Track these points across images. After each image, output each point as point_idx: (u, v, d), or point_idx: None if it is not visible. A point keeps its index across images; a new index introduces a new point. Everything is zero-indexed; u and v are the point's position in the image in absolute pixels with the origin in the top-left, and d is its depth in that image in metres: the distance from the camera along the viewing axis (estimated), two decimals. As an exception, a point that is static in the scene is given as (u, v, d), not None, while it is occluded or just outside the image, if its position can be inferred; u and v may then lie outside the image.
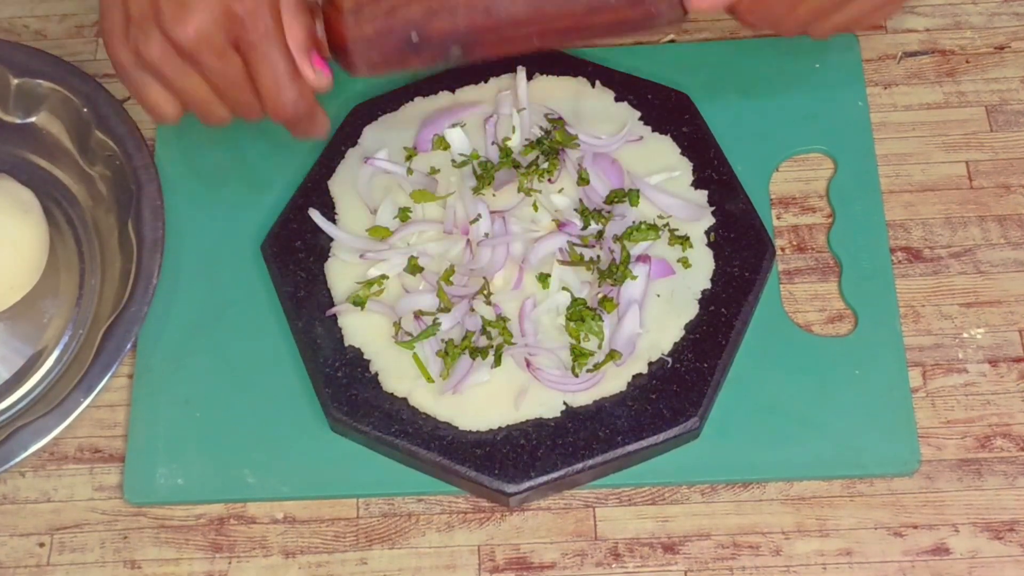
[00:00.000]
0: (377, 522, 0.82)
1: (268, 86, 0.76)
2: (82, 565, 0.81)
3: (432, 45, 0.78)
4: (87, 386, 0.83)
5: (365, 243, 0.86)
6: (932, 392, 0.84)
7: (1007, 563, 0.79)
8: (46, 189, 0.92)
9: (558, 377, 0.81)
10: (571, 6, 0.77)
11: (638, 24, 0.79)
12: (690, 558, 0.80)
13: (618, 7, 0.77)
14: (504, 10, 0.77)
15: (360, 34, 0.77)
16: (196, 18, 0.74)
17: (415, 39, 0.77)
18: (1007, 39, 0.95)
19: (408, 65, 0.79)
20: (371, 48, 0.78)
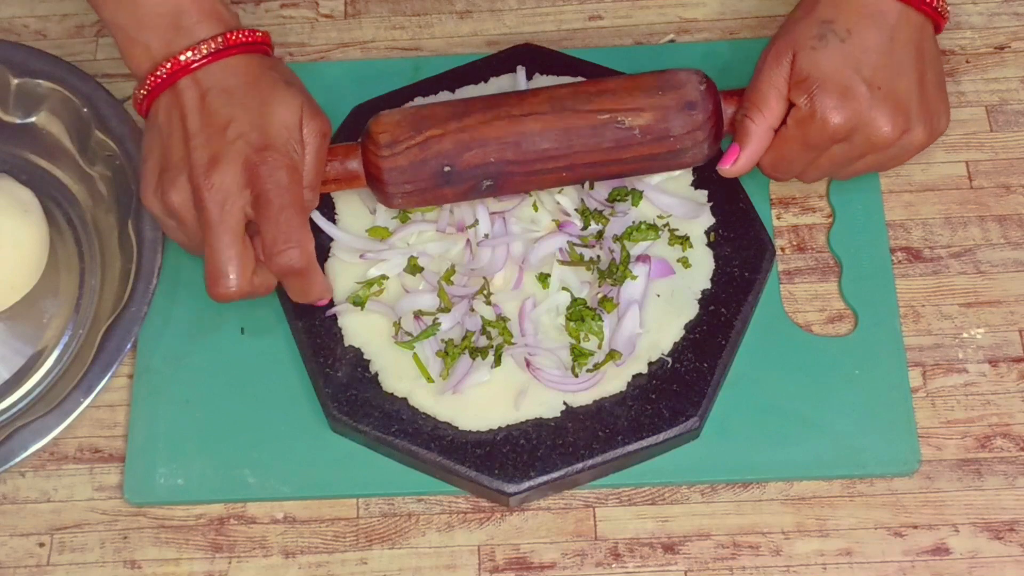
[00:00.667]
0: (377, 522, 0.82)
1: (271, 237, 0.77)
2: (82, 565, 0.81)
3: (464, 177, 0.81)
4: (87, 386, 0.83)
5: (365, 243, 0.86)
6: (932, 392, 0.84)
7: (1007, 563, 0.79)
8: (46, 189, 0.92)
9: (558, 377, 0.81)
10: (599, 142, 0.81)
11: (665, 160, 0.82)
12: (690, 558, 0.80)
13: (644, 143, 0.81)
14: (534, 145, 0.80)
15: (395, 165, 0.80)
16: (222, 169, 0.77)
17: (447, 171, 0.80)
18: (1007, 39, 0.95)
19: (440, 196, 0.82)
20: (405, 179, 0.80)
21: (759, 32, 0.96)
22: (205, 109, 0.78)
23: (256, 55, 0.81)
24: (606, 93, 0.81)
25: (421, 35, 0.98)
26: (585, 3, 0.98)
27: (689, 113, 0.81)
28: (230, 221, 0.77)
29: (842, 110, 0.79)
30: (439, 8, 0.99)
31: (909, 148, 0.82)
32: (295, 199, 0.77)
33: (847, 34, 0.80)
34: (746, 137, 0.82)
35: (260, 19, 0.99)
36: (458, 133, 0.80)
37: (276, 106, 0.79)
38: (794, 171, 0.83)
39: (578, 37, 0.97)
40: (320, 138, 0.80)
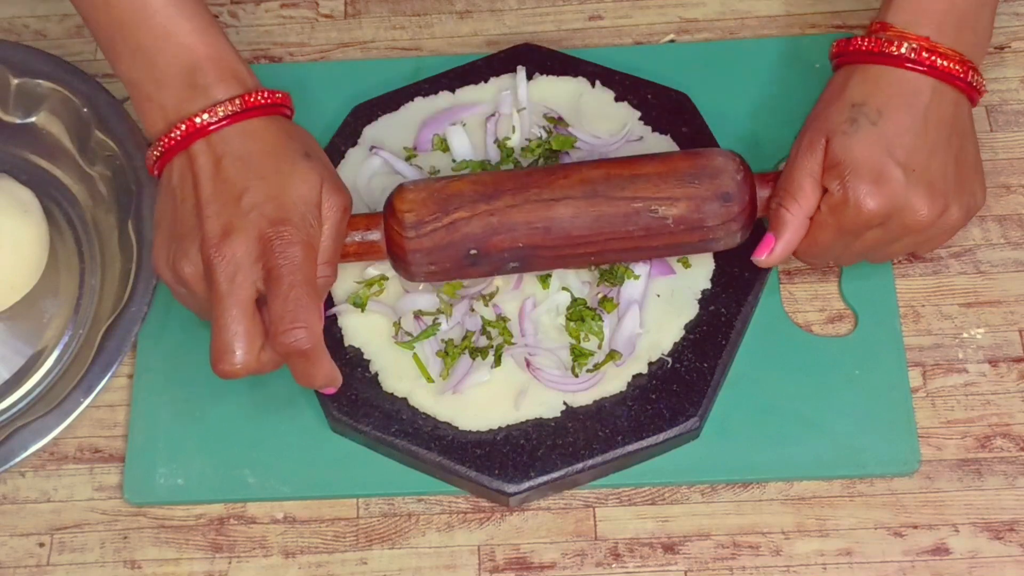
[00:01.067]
0: (377, 522, 0.82)
1: (278, 315, 0.74)
2: (82, 565, 0.81)
3: (490, 260, 0.78)
4: (87, 386, 0.83)
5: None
6: (932, 392, 0.84)
7: (1007, 563, 0.79)
8: (46, 189, 0.92)
9: (558, 377, 0.81)
10: (631, 230, 0.78)
11: (695, 247, 0.80)
12: (690, 558, 0.80)
13: (677, 232, 0.78)
14: (563, 230, 0.78)
15: (419, 246, 0.77)
16: (235, 241, 0.74)
17: (474, 254, 0.78)
18: (1007, 39, 0.95)
19: (464, 275, 0.80)
20: (430, 260, 0.78)
21: (759, 32, 0.96)
22: (219, 176, 0.75)
23: (275, 118, 0.78)
24: (639, 178, 0.78)
25: (421, 35, 0.98)
26: (585, 3, 0.98)
27: (725, 204, 0.78)
28: (240, 295, 0.74)
29: (876, 195, 0.76)
30: (439, 8, 0.99)
31: (946, 229, 0.79)
32: (307, 277, 0.74)
33: (878, 116, 0.77)
34: (782, 227, 0.79)
35: (260, 19, 0.99)
36: (486, 216, 0.77)
37: (294, 180, 0.76)
38: (829, 257, 0.81)
39: (578, 37, 0.97)
40: (340, 213, 0.77)
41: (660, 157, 0.80)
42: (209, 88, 0.77)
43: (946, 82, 0.78)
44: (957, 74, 0.78)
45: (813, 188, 0.78)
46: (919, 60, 0.78)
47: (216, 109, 0.76)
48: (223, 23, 0.99)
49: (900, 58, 0.78)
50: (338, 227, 0.77)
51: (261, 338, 0.75)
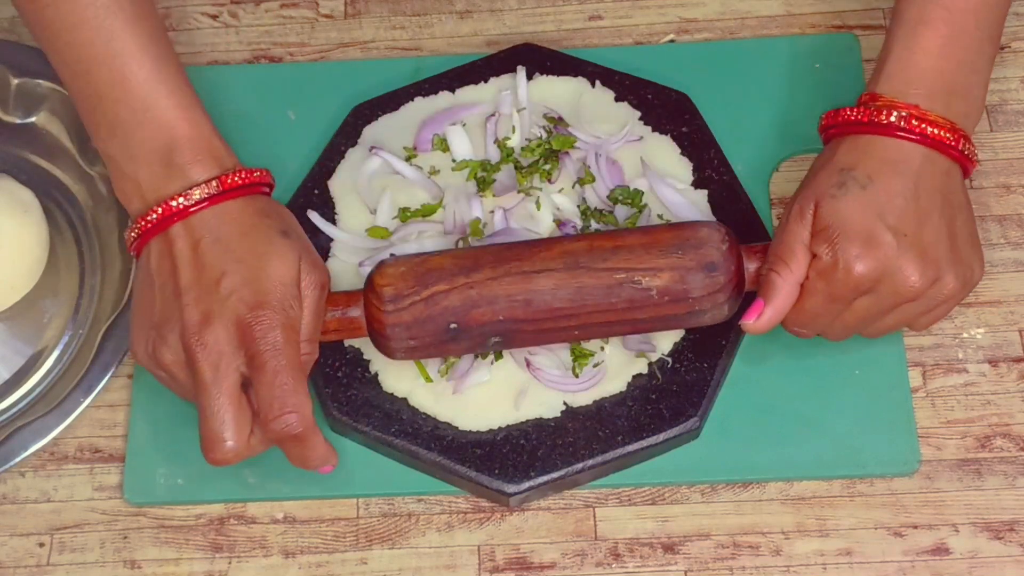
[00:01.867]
0: (377, 522, 0.82)
1: (266, 402, 0.73)
2: (82, 565, 0.81)
3: (471, 335, 0.77)
4: (87, 386, 0.83)
5: (365, 243, 0.86)
6: (932, 392, 0.84)
7: (1007, 563, 0.79)
8: (46, 189, 0.92)
9: (558, 377, 0.81)
10: (614, 302, 0.76)
11: (681, 320, 0.78)
12: (690, 558, 0.80)
13: (662, 304, 0.77)
14: (544, 302, 0.76)
15: (398, 320, 0.76)
16: (215, 329, 0.73)
17: (454, 328, 0.76)
18: (1007, 39, 0.95)
19: (446, 352, 0.78)
20: (409, 335, 0.77)
21: (759, 32, 0.96)
22: (197, 261, 0.75)
23: (253, 197, 0.78)
24: (622, 250, 0.77)
25: (421, 35, 0.98)
26: (585, 3, 0.98)
27: (710, 275, 0.76)
28: (225, 382, 0.73)
29: (866, 259, 0.74)
30: (439, 8, 0.99)
31: (939, 299, 0.77)
32: (291, 360, 0.73)
33: (868, 180, 0.75)
34: (771, 291, 0.76)
35: (260, 19, 0.99)
36: (466, 289, 0.76)
37: (272, 259, 0.75)
38: (818, 326, 0.78)
39: (578, 37, 0.97)
40: (319, 291, 0.76)
41: (643, 229, 0.78)
42: (186, 168, 0.76)
43: (937, 150, 0.76)
44: (948, 142, 0.76)
45: (804, 254, 0.76)
46: (909, 128, 0.76)
47: (192, 192, 0.76)
48: (223, 23, 0.99)
49: (890, 126, 0.76)
50: (317, 304, 0.76)
51: (249, 423, 0.74)
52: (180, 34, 0.98)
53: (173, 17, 0.99)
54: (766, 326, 0.77)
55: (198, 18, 0.99)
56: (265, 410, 0.73)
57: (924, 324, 0.80)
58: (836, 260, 0.75)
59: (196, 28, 0.99)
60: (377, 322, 0.77)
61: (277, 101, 0.94)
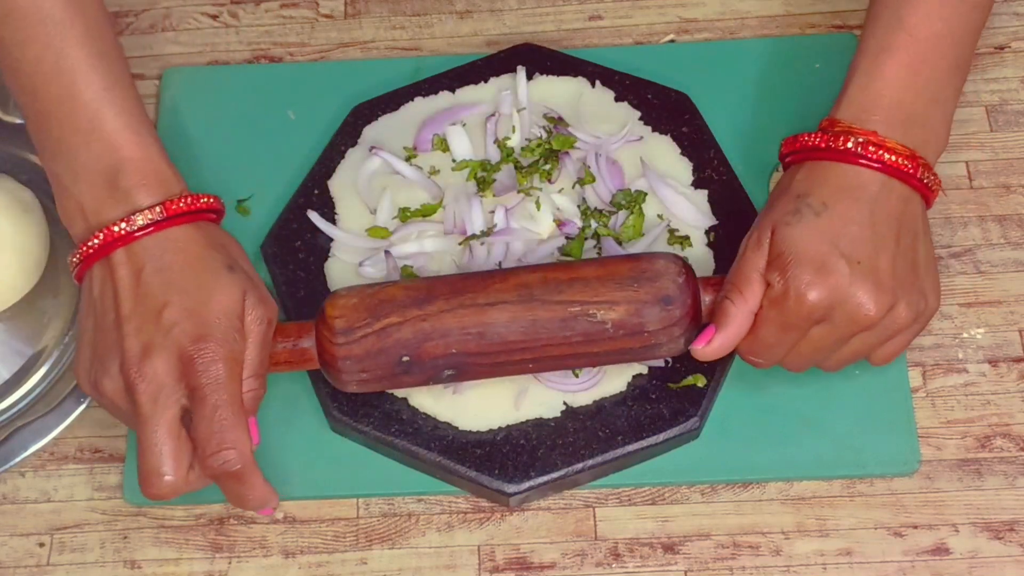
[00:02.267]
0: (377, 522, 0.82)
1: (204, 437, 0.72)
2: (82, 565, 0.81)
3: (423, 368, 0.76)
4: (87, 386, 0.83)
5: (365, 243, 0.86)
6: (932, 392, 0.84)
7: (1007, 563, 0.79)
8: (46, 189, 0.92)
9: (558, 377, 0.81)
10: (568, 335, 0.76)
11: (637, 353, 0.77)
12: (690, 558, 0.80)
13: (617, 337, 0.76)
14: (497, 336, 0.75)
15: (349, 353, 0.75)
16: (155, 360, 0.72)
17: (406, 361, 0.76)
18: (1007, 39, 0.95)
19: (398, 384, 0.78)
20: (360, 367, 0.76)
21: (759, 32, 0.96)
22: (139, 290, 0.73)
23: (200, 224, 0.76)
24: (577, 282, 0.76)
25: (421, 35, 0.98)
26: (585, 3, 0.98)
27: (665, 308, 0.75)
28: (163, 415, 0.72)
29: (818, 286, 0.73)
30: (439, 8, 0.99)
31: (894, 328, 0.75)
32: (232, 395, 0.72)
33: (823, 207, 0.75)
34: (724, 318, 0.75)
35: (260, 19, 0.99)
36: (418, 322, 0.75)
37: (215, 292, 0.74)
38: (773, 356, 0.77)
39: (578, 37, 0.97)
40: (264, 326, 0.75)
41: (599, 261, 0.78)
42: (131, 192, 0.75)
43: (895, 177, 0.75)
44: (906, 169, 0.75)
45: (759, 282, 0.75)
46: (866, 154, 0.75)
47: (135, 218, 0.74)
48: (223, 23, 0.99)
49: (847, 152, 0.76)
50: (263, 339, 0.75)
51: (189, 456, 0.73)
52: (180, 34, 0.98)
53: (173, 17, 0.99)
54: (715, 352, 0.76)
55: (198, 18, 0.99)
56: (203, 445, 0.72)
57: (881, 358, 0.78)
58: (787, 288, 0.73)
59: (196, 28, 0.99)
60: (328, 354, 0.76)
61: (277, 101, 0.94)
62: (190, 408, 0.73)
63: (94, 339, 0.75)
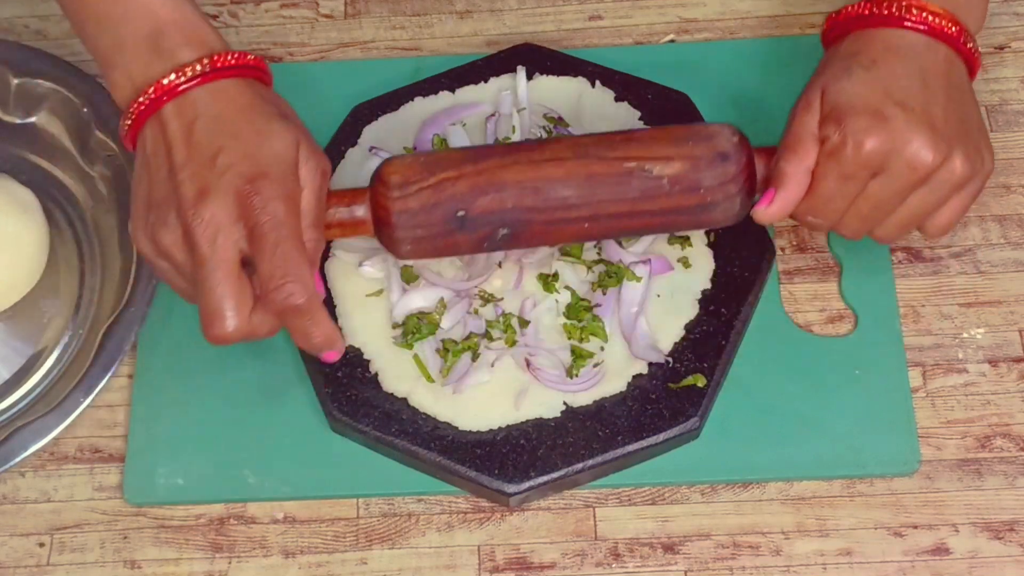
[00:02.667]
0: (377, 522, 0.82)
1: (267, 272, 0.71)
2: (82, 565, 0.81)
3: (479, 224, 0.75)
4: (87, 386, 0.83)
5: (365, 242, 0.86)
6: (932, 392, 0.84)
7: (1007, 563, 0.79)
8: (46, 189, 0.92)
9: (558, 377, 0.81)
10: (624, 191, 0.75)
11: (694, 214, 0.77)
12: (690, 558, 0.80)
13: (673, 194, 0.75)
14: (554, 192, 0.75)
15: (405, 207, 0.75)
16: (212, 202, 0.72)
17: (461, 216, 0.75)
18: (1007, 39, 0.95)
19: (453, 245, 0.76)
20: (416, 223, 0.75)
21: (759, 32, 0.96)
22: (192, 139, 0.73)
23: (248, 81, 0.76)
24: (633, 141, 0.76)
25: (421, 35, 0.98)
26: (585, 3, 0.98)
27: (721, 164, 0.75)
28: (223, 256, 0.71)
29: (874, 132, 0.73)
30: (439, 8, 0.99)
31: (951, 184, 0.75)
32: (292, 232, 0.72)
33: (872, 64, 0.76)
34: (781, 178, 0.76)
35: (260, 19, 0.99)
36: (474, 176, 0.74)
37: (269, 137, 0.73)
38: (832, 215, 0.77)
39: (578, 37, 0.97)
40: (320, 176, 0.75)
41: (653, 127, 0.78)
42: (175, 51, 0.75)
43: (940, 39, 0.76)
44: (950, 31, 0.76)
45: (812, 142, 0.76)
46: (909, 16, 0.76)
47: (184, 70, 0.74)
48: (223, 23, 0.99)
49: (891, 17, 0.77)
50: (319, 190, 0.75)
51: (251, 300, 0.73)
52: (180, 34, 0.98)
53: (173, 17, 0.99)
54: (777, 213, 0.77)
55: (198, 18, 0.99)
56: (266, 281, 0.71)
57: (936, 227, 0.78)
58: (845, 138, 0.74)
59: (196, 28, 0.98)
60: (383, 210, 0.75)
61: (277, 101, 0.94)
62: (249, 252, 0.72)
63: (149, 194, 0.75)
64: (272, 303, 0.72)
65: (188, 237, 0.72)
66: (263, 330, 0.74)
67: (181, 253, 0.73)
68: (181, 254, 0.73)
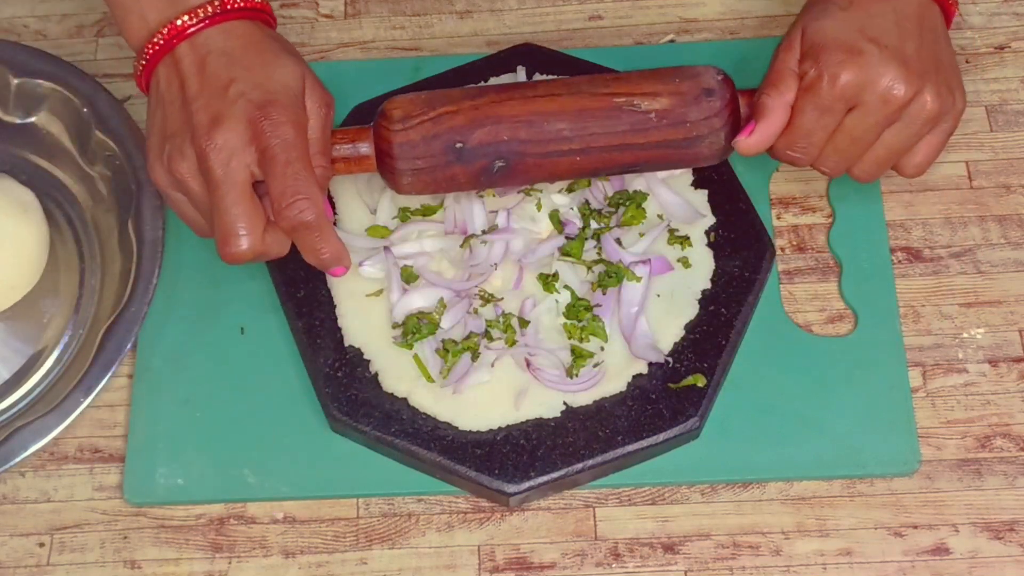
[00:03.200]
0: (377, 522, 0.82)
1: (278, 191, 0.75)
2: (82, 565, 0.81)
3: (476, 155, 0.79)
4: (87, 386, 0.83)
5: (365, 242, 0.86)
6: (932, 392, 0.84)
7: (1007, 563, 0.79)
8: (46, 189, 0.92)
9: (558, 377, 0.81)
10: (614, 125, 0.79)
11: (682, 148, 0.80)
12: (690, 558, 0.80)
13: (660, 127, 0.79)
14: (548, 125, 0.79)
15: (406, 139, 0.79)
16: (225, 128, 0.75)
17: (459, 147, 0.79)
18: (1007, 39, 0.95)
19: (451, 177, 0.80)
20: (416, 154, 0.79)
21: (759, 32, 0.96)
22: (205, 72, 0.77)
23: (256, 23, 0.80)
24: (622, 80, 0.81)
25: (421, 35, 0.98)
26: (585, 3, 0.98)
27: (706, 99, 0.79)
28: (236, 178, 0.75)
29: (849, 65, 0.77)
30: (439, 8, 0.99)
31: (922, 118, 0.78)
32: (301, 153, 0.76)
33: (849, 4, 0.79)
34: (762, 111, 0.79)
35: (260, 19, 0.99)
36: (472, 111, 0.79)
37: (277, 69, 0.78)
38: (811, 148, 0.80)
39: (578, 37, 0.97)
40: (324, 108, 0.79)
41: (642, 70, 0.82)
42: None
43: None
44: None
45: (792, 78, 0.79)
46: None
47: (196, 11, 0.78)
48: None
49: None
50: (325, 120, 0.79)
51: (263, 220, 0.76)
52: (180, 34, 0.98)
53: (173, 17, 0.99)
54: (757, 144, 0.80)
55: (198, 18, 0.99)
56: (277, 199, 0.75)
57: (914, 166, 0.81)
58: (821, 72, 0.77)
59: (196, 28, 0.99)
60: (385, 142, 0.79)
61: (277, 101, 0.94)
62: (261, 174, 0.76)
63: (164, 127, 0.78)
64: (283, 219, 0.76)
65: (202, 163, 0.75)
66: (275, 249, 0.78)
67: (196, 181, 0.77)
68: (196, 182, 0.77)
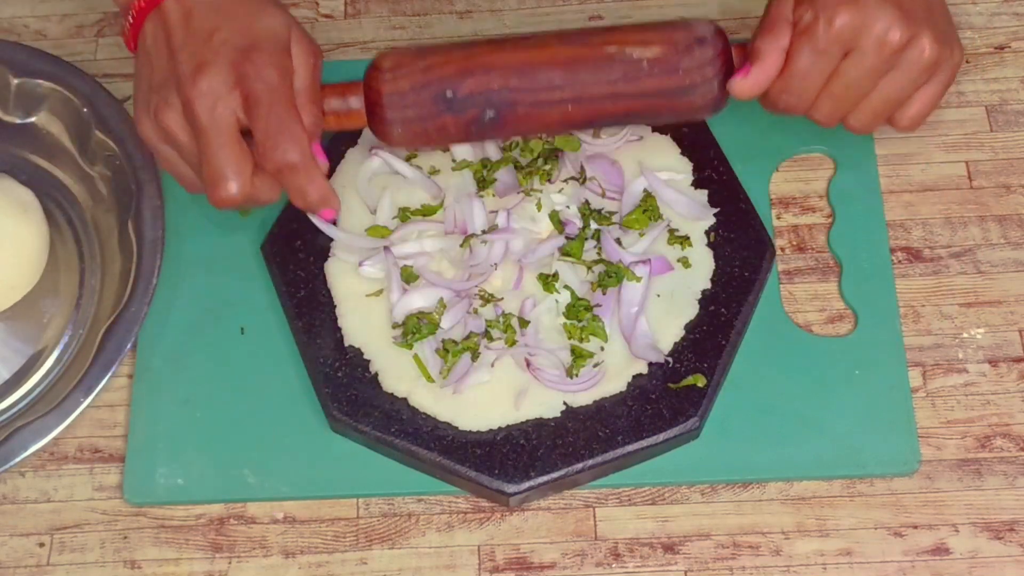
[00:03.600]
0: (377, 522, 0.82)
1: (263, 134, 0.75)
2: (82, 565, 0.81)
3: (466, 105, 0.79)
4: (87, 386, 0.83)
5: (365, 242, 0.86)
6: (932, 392, 0.84)
7: (1007, 563, 0.79)
8: (46, 189, 0.92)
9: (558, 377, 0.81)
10: (606, 74, 0.79)
11: (674, 98, 0.80)
12: (690, 558, 0.80)
13: (652, 75, 0.79)
14: (539, 73, 0.79)
15: (395, 89, 0.79)
16: (209, 74, 0.75)
17: (449, 97, 0.78)
18: (1007, 39, 0.95)
19: (442, 128, 0.80)
20: (406, 103, 0.79)
21: (759, 32, 0.96)
22: (190, 23, 0.77)
23: None
24: (614, 29, 0.80)
25: (421, 35, 0.98)
26: (585, 3, 0.98)
27: (699, 48, 0.79)
28: (222, 123, 0.75)
29: (845, 8, 0.77)
30: (439, 8, 0.99)
31: (919, 66, 0.78)
32: (285, 96, 0.76)
33: None
34: (757, 54, 0.79)
35: (260, 19, 0.99)
36: (462, 60, 0.79)
37: (263, 17, 0.78)
38: (806, 94, 0.80)
39: (578, 37, 0.97)
40: (312, 58, 0.79)
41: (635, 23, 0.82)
42: None
43: None
44: None
45: (787, 25, 0.79)
46: None
47: None
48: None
49: None
50: (313, 69, 0.79)
51: (251, 164, 0.76)
52: (180, 34, 0.98)
53: (173, 17, 0.99)
54: (753, 85, 0.80)
55: (198, 18, 0.99)
56: (262, 141, 0.75)
57: (909, 118, 0.81)
58: (817, 15, 0.77)
59: (196, 28, 0.99)
60: (375, 92, 0.79)
61: (277, 101, 0.94)
62: (246, 119, 0.76)
63: (150, 81, 0.78)
64: (268, 161, 0.76)
65: (189, 111, 0.76)
66: (264, 194, 0.78)
67: (183, 132, 0.77)
68: (183, 133, 0.77)
